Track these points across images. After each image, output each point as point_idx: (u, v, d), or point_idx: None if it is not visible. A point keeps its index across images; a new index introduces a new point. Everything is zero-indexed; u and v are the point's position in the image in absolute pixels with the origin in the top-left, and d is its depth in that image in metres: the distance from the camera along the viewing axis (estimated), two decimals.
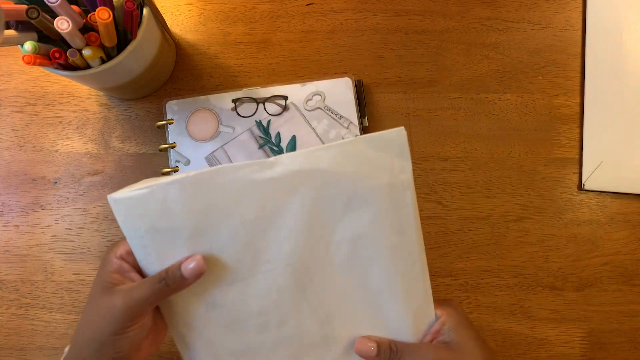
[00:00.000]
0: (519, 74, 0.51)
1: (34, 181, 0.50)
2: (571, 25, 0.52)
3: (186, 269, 0.31)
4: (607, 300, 0.48)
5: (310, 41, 0.52)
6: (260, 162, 0.33)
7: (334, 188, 0.34)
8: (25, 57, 0.36)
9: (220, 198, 0.32)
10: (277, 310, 0.35)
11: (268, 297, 0.34)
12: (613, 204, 0.49)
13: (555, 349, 0.48)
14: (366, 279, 0.35)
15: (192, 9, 0.52)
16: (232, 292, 0.34)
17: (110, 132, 0.51)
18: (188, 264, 0.31)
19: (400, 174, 0.34)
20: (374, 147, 0.34)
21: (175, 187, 0.32)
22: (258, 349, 0.35)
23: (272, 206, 0.33)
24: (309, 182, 0.33)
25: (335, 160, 0.33)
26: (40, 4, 0.35)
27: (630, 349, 0.47)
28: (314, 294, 0.35)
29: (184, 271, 0.31)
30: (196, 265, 0.31)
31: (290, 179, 0.33)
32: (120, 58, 0.40)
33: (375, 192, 0.34)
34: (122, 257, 0.33)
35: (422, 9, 0.52)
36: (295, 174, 0.33)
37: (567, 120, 0.50)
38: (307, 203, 0.33)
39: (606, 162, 0.49)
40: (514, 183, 0.50)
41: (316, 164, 0.33)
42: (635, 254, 0.49)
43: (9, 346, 0.48)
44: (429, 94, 0.51)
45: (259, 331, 0.35)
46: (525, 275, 0.48)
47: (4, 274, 0.49)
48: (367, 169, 0.34)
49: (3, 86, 0.51)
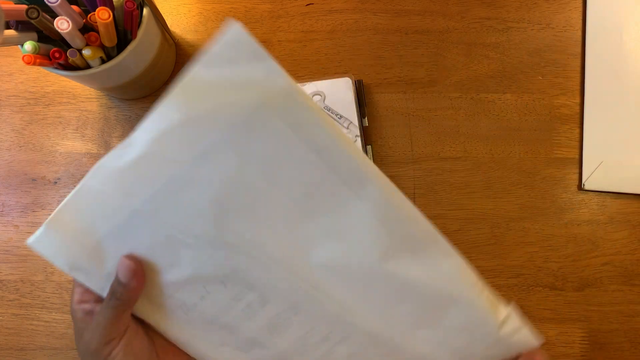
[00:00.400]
0: (519, 74, 0.51)
1: (34, 181, 0.50)
2: (571, 25, 0.52)
3: (123, 276, 0.30)
4: (607, 300, 0.48)
5: (310, 41, 0.52)
6: (119, 148, 0.29)
7: (204, 138, 0.27)
8: (25, 57, 0.36)
9: (103, 200, 0.29)
10: (249, 292, 0.31)
11: (231, 282, 0.31)
12: (613, 204, 0.49)
13: (555, 349, 0.48)
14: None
15: (192, 9, 0.52)
16: (189, 288, 0.31)
17: (110, 132, 0.51)
18: (120, 272, 0.30)
19: (267, 82, 0.26)
20: (213, 64, 0.26)
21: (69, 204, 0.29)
22: (261, 337, 0.32)
23: (155, 189, 0.28)
24: (171, 142, 0.28)
25: (181, 106, 0.27)
26: (40, 4, 0.35)
27: (630, 349, 0.47)
28: (278, 263, 0.30)
29: (122, 278, 0.30)
30: (127, 269, 0.30)
31: (153, 151, 0.29)
32: (120, 58, 0.40)
33: (256, 122, 0.26)
34: (81, 302, 0.32)
35: (422, 9, 0.52)
36: (153, 143, 0.29)
37: (567, 120, 0.50)
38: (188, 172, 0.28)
39: (606, 162, 0.49)
40: (514, 183, 0.50)
41: (164, 121, 0.28)
42: (635, 254, 0.49)
43: (9, 346, 0.48)
44: (429, 94, 0.51)
45: (246, 318, 0.32)
46: (525, 275, 0.48)
47: (4, 274, 0.49)
48: (221, 96, 0.26)
49: (3, 86, 0.51)
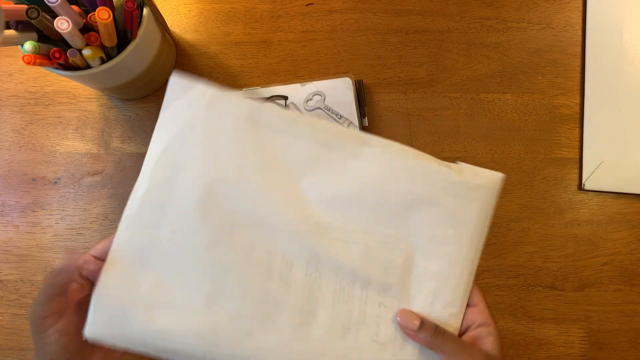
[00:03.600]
0: (519, 74, 0.51)
1: (34, 181, 0.50)
2: (571, 25, 0.52)
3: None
4: (607, 300, 0.48)
5: (310, 41, 0.52)
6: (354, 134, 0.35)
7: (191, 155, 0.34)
8: (25, 57, 0.36)
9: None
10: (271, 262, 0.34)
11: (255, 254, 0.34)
12: (613, 204, 0.49)
13: (555, 349, 0.48)
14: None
15: (192, 9, 0.52)
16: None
17: (110, 132, 0.51)
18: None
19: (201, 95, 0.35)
20: (168, 107, 0.35)
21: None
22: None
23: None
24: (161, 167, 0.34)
25: (162, 138, 0.34)
26: (40, 4, 0.35)
27: (630, 349, 0.47)
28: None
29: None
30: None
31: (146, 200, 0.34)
32: (120, 58, 0.40)
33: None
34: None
35: (422, 9, 0.52)
36: (145, 194, 0.34)
37: (567, 120, 0.50)
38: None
39: (606, 162, 0.49)
40: (514, 183, 0.50)
41: (153, 155, 0.34)
42: (635, 254, 0.49)
43: (9, 346, 0.48)
44: (429, 94, 0.51)
45: (266, 278, 0.34)
46: (525, 275, 0.48)
47: (4, 274, 0.49)
48: (180, 122, 0.34)
49: (3, 86, 0.51)
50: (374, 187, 0.35)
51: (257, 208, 0.34)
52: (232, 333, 0.32)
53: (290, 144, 0.34)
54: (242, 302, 0.33)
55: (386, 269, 0.34)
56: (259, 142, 0.34)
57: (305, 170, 0.35)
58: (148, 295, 0.32)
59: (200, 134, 0.34)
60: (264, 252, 0.33)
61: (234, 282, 0.33)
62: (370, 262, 0.34)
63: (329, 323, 0.33)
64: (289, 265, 0.34)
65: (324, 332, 0.33)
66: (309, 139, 0.35)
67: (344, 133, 0.35)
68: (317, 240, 0.34)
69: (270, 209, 0.34)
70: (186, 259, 0.33)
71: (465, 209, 0.35)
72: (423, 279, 0.35)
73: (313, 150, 0.35)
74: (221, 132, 0.34)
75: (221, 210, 0.33)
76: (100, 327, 0.31)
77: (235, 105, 0.34)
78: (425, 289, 0.35)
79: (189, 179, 0.34)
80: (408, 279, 0.35)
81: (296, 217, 0.34)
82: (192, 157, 0.34)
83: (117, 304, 0.32)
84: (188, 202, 0.33)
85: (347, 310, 0.34)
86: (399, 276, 0.35)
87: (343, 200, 0.35)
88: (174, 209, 0.33)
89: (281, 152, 0.34)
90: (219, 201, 0.33)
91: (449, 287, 0.35)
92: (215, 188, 0.33)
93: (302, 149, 0.35)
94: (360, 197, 0.35)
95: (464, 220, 0.35)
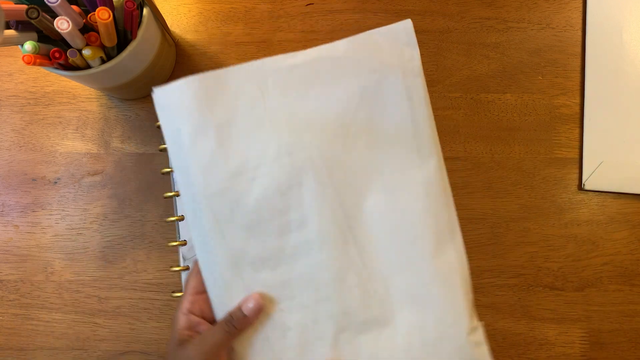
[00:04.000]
0: (519, 74, 0.51)
1: (34, 181, 0.50)
2: (571, 25, 0.52)
3: (247, 309, 0.34)
4: (607, 300, 0.48)
5: (310, 41, 0.52)
6: (279, 56, 0.35)
7: (350, 75, 0.35)
8: (25, 57, 0.36)
9: (242, 88, 0.34)
10: (297, 209, 0.35)
11: (289, 194, 0.35)
12: (613, 204, 0.49)
13: (555, 349, 0.48)
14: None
15: (192, 9, 0.52)
16: (254, 187, 0.34)
17: (110, 132, 0.51)
18: (248, 304, 0.34)
19: (409, 62, 0.36)
20: (383, 36, 0.35)
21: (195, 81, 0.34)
22: (279, 255, 0.35)
23: (296, 94, 0.35)
24: (328, 68, 0.35)
25: (349, 47, 0.35)
26: (40, 4, 0.35)
27: (630, 349, 0.47)
28: (336, 190, 0.35)
29: (246, 311, 0.34)
30: (255, 305, 0.34)
31: (310, 66, 0.35)
32: (120, 58, 0.40)
33: (387, 79, 0.35)
34: (190, 311, 0.35)
35: (422, 9, 0.52)
36: (315, 60, 0.35)
37: (567, 120, 0.50)
38: (326, 90, 0.35)
39: (606, 162, 0.49)
40: (514, 183, 0.50)
41: (333, 52, 0.35)
42: (635, 254, 0.49)
43: (9, 346, 0.48)
44: (429, 93, 0.50)
45: (279, 234, 0.35)
46: (525, 275, 0.48)
47: (4, 274, 0.49)
48: (379, 55, 0.35)
49: (3, 86, 0.51)
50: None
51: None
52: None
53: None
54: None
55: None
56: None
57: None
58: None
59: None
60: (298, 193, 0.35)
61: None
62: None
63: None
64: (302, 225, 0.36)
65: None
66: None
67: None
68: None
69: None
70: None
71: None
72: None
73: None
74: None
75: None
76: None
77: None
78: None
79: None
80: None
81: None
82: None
83: None
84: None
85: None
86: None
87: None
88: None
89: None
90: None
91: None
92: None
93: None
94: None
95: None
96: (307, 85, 0.35)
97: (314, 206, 0.35)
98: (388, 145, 0.36)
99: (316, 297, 0.35)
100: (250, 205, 0.34)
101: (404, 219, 0.35)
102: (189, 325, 0.35)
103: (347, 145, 0.35)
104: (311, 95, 0.35)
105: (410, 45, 0.36)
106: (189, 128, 0.34)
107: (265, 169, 0.34)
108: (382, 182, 0.35)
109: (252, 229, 0.35)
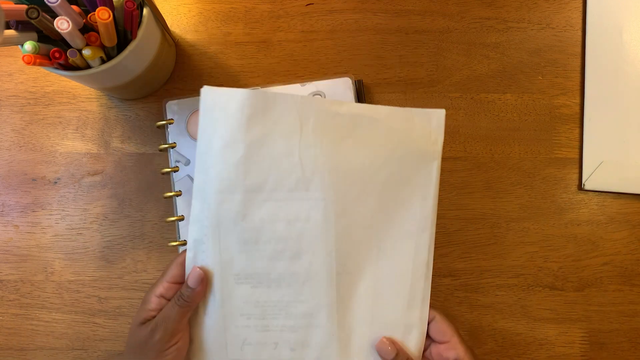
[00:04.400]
0: (519, 74, 0.51)
1: (34, 181, 0.50)
2: (571, 25, 0.52)
3: (192, 282, 0.36)
4: (607, 300, 0.48)
5: (310, 41, 0.52)
6: (330, 100, 0.40)
7: (382, 139, 0.38)
8: (25, 57, 0.36)
9: (285, 117, 0.37)
10: (296, 241, 0.37)
11: (294, 225, 0.37)
12: (613, 204, 0.49)
13: (555, 349, 0.48)
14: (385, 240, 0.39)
15: (192, 9, 0.52)
16: (264, 208, 0.37)
17: (110, 132, 0.51)
18: (192, 278, 0.36)
19: (433, 145, 0.39)
20: (418, 116, 0.39)
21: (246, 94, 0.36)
22: (263, 277, 0.37)
23: (331, 139, 0.37)
24: (365, 126, 0.38)
25: (389, 115, 0.38)
26: (40, 4, 0.35)
27: (630, 349, 0.47)
28: (337, 236, 0.37)
29: (191, 284, 0.36)
30: (197, 276, 0.36)
31: (351, 119, 0.38)
32: (120, 58, 0.40)
33: (410, 153, 0.39)
34: (162, 295, 0.37)
35: (422, 9, 0.52)
36: (357, 116, 0.38)
37: (567, 120, 0.50)
38: (357, 144, 0.38)
39: (606, 162, 0.49)
40: (514, 183, 0.50)
41: (374, 114, 0.38)
42: (635, 254, 0.49)
43: (9, 346, 0.48)
44: (429, 94, 0.51)
45: (271, 258, 0.37)
46: (525, 275, 0.48)
47: (4, 274, 0.49)
48: (411, 130, 0.38)
49: (3, 86, 0.51)
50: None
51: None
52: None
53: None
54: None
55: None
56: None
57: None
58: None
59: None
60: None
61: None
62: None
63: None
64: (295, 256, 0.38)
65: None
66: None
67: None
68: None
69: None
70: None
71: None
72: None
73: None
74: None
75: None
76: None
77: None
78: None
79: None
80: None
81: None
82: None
83: None
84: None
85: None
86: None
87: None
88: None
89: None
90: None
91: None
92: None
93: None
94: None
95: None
96: (343, 135, 0.37)
97: (312, 244, 0.37)
98: (395, 211, 0.39)
99: (283, 325, 0.38)
100: (254, 222, 0.37)
101: (386, 282, 0.39)
102: (157, 307, 0.37)
103: (360, 199, 0.38)
104: (343, 145, 0.37)
105: (438, 131, 0.39)
106: (224, 135, 0.36)
107: (280, 195, 0.36)
108: (379, 245, 0.39)
109: (247, 244, 0.37)
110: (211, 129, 0.37)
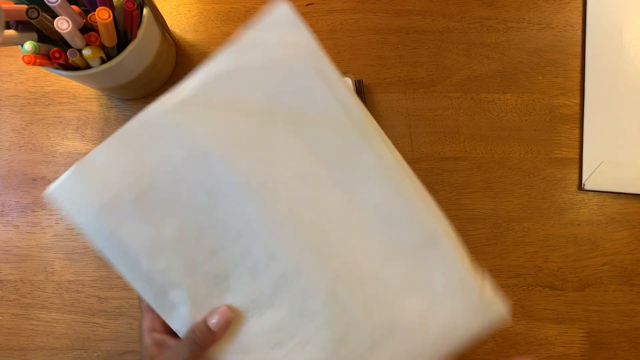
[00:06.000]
0: (519, 74, 0.51)
1: (34, 181, 0.50)
2: (571, 25, 0.52)
3: (212, 324, 0.31)
4: (607, 300, 0.48)
5: None
6: (166, 95, 0.31)
7: (249, 86, 0.31)
8: (25, 57, 0.36)
9: (146, 145, 0.30)
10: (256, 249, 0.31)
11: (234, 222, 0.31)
12: (613, 204, 0.49)
13: (555, 349, 0.48)
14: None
15: (192, 9, 0.52)
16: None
17: (110, 132, 0.50)
18: (212, 319, 0.31)
19: (305, 46, 0.32)
20: (263, 31, 0.32)
21: (102, 150, 0.30)
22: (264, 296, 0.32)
23: (201, 134, 0.30)
24: (220, 87, 0.31)
25: (234, 57, 0.32)
26: (40, 4, 0.35)
27: (630, 349, 0.47)
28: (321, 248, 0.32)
29: (214, 327, 0.31)
30: (221, 318, 0.31)
31: (202, 94, 0.31)
32: (120, 58, 0.40)
33: (293, 70, 0.31)
34: (152, 329, 0.34)
35: (422, 9, 0.52)
36: (204, 86, 0.31)
37: (567, 120, 0.50)
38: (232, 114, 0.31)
39: (606, 162, 0.49)
40: (514, 183, 0.50)
41: (217, 69, 0.31)
42: (635, 254, 0.49)
43: (9, 346, 0.48)
44: (429, 94, 0.51)
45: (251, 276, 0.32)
46: (525, 275, 0.48)
47: (4, 274, 0.49)
48: (271, 52, 0.31)
49: (3, 86, 0.51)
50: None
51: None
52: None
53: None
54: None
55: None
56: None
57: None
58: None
59: (288, 84, 0.31)
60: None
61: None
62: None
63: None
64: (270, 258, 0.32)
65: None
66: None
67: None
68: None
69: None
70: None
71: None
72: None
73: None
74: (309, 94, 0.32)
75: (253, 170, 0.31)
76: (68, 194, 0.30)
77: (334, 77, 0.32)
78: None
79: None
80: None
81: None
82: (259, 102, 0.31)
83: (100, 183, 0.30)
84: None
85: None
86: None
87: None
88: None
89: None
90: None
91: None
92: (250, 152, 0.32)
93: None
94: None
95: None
96: (208, 110, 0.31)
97: (276, 235, 0.31)
98: (322, 132, 0.32)
99: (313, 325, 0.32)
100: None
101: (365, 209, 0.32)
102: (154, 343, 0.33)
103: (272, 134, 0.31)
104: (214, 116, 0.31)
105: (293, 26, 0.32)
106: (100, 223, 0.32)
107: (186, 210, 0.31)
108: (334, 178, 0.32)
109: (213, 251, 0.32)
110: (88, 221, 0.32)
